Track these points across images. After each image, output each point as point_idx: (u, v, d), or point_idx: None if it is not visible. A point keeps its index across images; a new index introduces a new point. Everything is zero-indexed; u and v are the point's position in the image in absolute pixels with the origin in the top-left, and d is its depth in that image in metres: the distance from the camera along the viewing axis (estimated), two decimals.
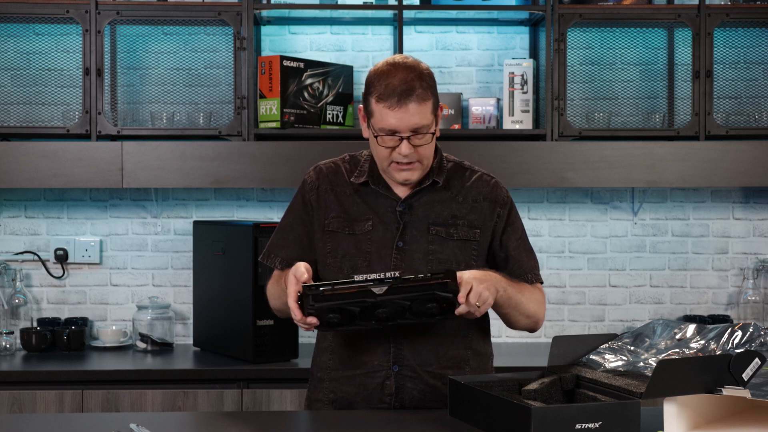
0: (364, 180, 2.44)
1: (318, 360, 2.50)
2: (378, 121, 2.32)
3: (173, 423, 2.38)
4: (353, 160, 2.50)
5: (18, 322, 3.86)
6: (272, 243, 2.52)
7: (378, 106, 2.32)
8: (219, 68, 3.93)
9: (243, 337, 3.53)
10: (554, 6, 3.71)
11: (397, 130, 2.31)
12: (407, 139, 2.31)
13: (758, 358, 2.03)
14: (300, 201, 2.50)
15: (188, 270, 3.98)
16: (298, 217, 2.49)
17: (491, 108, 3.88)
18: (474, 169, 2.51)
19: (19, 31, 3.94)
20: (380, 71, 2.34)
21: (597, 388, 2.18)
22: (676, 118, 3.90)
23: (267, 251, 2.53)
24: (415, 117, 2.29)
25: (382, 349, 2.38)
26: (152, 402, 3.39)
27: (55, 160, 3.63)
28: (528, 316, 2.45)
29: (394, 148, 2.32)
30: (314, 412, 2.45)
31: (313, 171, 2.51)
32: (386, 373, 2.37)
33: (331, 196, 2.45)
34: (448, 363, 2.40)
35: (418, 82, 2.30)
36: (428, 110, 2.32)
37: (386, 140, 2.33)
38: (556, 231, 4.08)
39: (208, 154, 3.66)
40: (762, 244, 4.10)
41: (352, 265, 2.39)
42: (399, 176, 2.38)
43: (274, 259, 2.50)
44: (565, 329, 4.07)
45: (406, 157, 2.33)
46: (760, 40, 4.01)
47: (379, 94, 2.31)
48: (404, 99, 2.28)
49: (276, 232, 2.53)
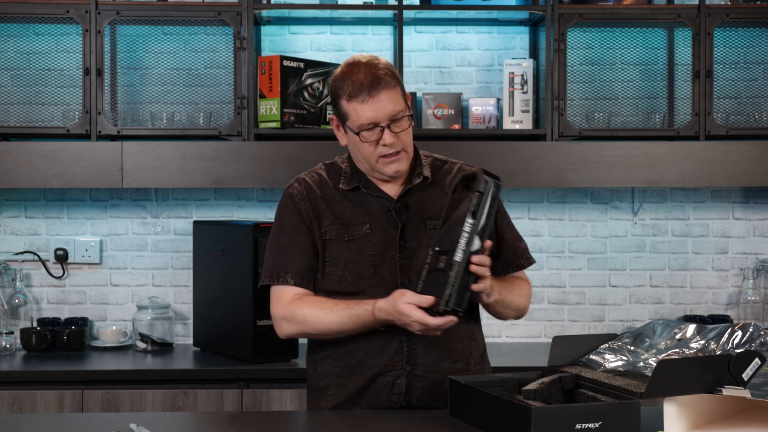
0: (354, 185, 2.43)
1: (319, 370, 2.46)
2: (355, 119, 2.34)
3: (173, 423, 2.38)
4: (333, 167, 2.49)
5: (18, 322, 3.86)
6: (276, 263, 2.43)
7: (351, 105, 2.34)
8: (219, 68, 3.93)
9: (243, 337, 3.53)
10: (554, 6, 3.71)
11: (375, 122, 2.33)
12: (388, 128, 2.34)
13: (758, 358, 2.03)
14: (294, 213, 2.44)
15: (188, 270, 3.98)
16: (296, 230, 2.43)
17: (491, 108, 3.88)
18: (452, 161, 2.55)
19: (19, 31, 3.94)
20: (342, 74, 2.38)
21: (597, 388, 2.18)
22: (676, 118, 3.90)
23: (273, 272, 2.43)
24: (389, 104, 2.33)
25: (396, 349, 2.37)
26: (152, 402, 3.39)
27: (55, 160, 3.63)
28: (516, 309, 2.56)
29: (378, 141, 2.35)
30: (314, 411, 2.44)
31: (296, 183, 2.47)
32: (398, 373, 2.37)
33: (322, 204, 2.43)
34: (456, 357, 2.42)
35: (381, 71, 2.35)
36: (399, 96, 2.36)
37: (368, 135, 2.34)
38: (556, 231, 4.08)
39: (208, 154, 3.66)
40: (762, 244, 4.10)
41: (357, 273, 2.39)
42: (389, 169, 2.38)
43: (284, 276, 2.42)
44: (565, 329, 4.07)
45: (392, 147, 2.35)
46: (760, 40, 4.01)
47: (349, 93, 2.34)
48: (374, 89, 2.32)
49: (275, 252, 2.44)
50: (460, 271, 2.23)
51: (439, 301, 2.22)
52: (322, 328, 2.37)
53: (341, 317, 2.34)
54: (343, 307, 2.34)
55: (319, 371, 2.46)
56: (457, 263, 2.23)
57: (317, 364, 2.46)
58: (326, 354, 2.44)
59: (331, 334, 2.38)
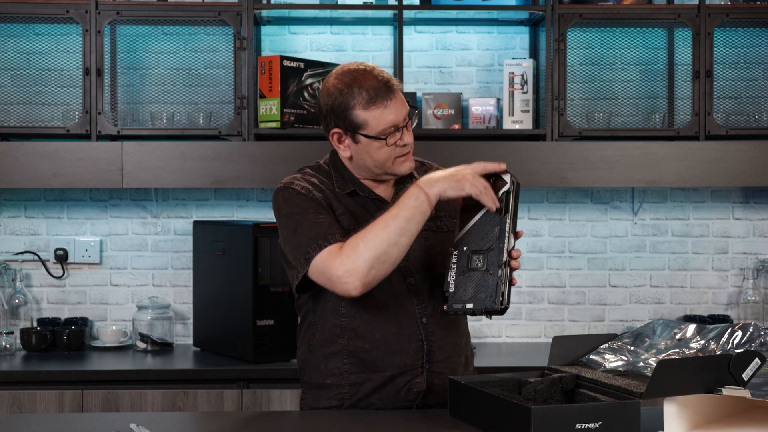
0: (351, 189, 2.42)
1: (323, 367, 2.40)
2: (375, 126, 2.32)
3: (173, 423, 2.38)
4: (321, 170, 2.45)
5: (18, 322, 3.86)
6: (315, 233, 2.25)
7: (370, 112, 2.31)
8: (219, 68, 3.93)
9: (243, 337, 3.53)
10: (554, 6, 3.71)
11: (396, 124, 2.33)
12: (405, 128, 2.36)
13: (758, 358, 2.02)
14: (309, 198, 2.33)
15: (188, 270, 3.98)
16: (318, 210, 2.31)
17: (491, 108, 3.88)
18: (428, 162, 2.57)
19: (19, 31, 3.94)
20: (345, 85, 2.32)
21: (597, 388, 2.18)
22: (676, 118, 3.90)
23: (317, 241, 2.24)
24: (403, 105, 2.36)
25: (415, 348, 2.36)
26: (152, 402, 3.39)
27: (55, 160, 3.63)
28: None
29: (396, 143, 2.35)
30: (314, 412, 2.43)
31: (296, 181, 2.38)
32: (417, 372, 2.37)
33: (330, 194, 2.40)
34: (461, 352, 2.46)
35: (385, 75, 2.36)
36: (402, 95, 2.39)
37: (392, 139, 2.33)
38: (556, 231, 4.08)
39: (208, 154, 3.66)
40: (762, 244, 4.10)
41: None
42: (404, 168, 2.39)
43: (333, 237, 2.24)
44: (565, 329, 4.07)
45: (408, 145, 2.37)
46: (760, 40, 4.01)
47: (366, 102, 2.31)
48: (390, 92, 2.33)
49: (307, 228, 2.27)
50: (508, 268, 2.24)
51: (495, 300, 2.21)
52: (393, 249, 2.20)
53: (399, 224, 2.20)
54: (393, 214, 2.21)
55: (323, 368, 2.41)
56: (505, 262, 2.23)
57: (320, 361, 2.41)
58: (334, 350, 2.39)
59: (401, 248, 2.21)
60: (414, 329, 2.36)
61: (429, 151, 3.20)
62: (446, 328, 2.41)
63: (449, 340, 2.42)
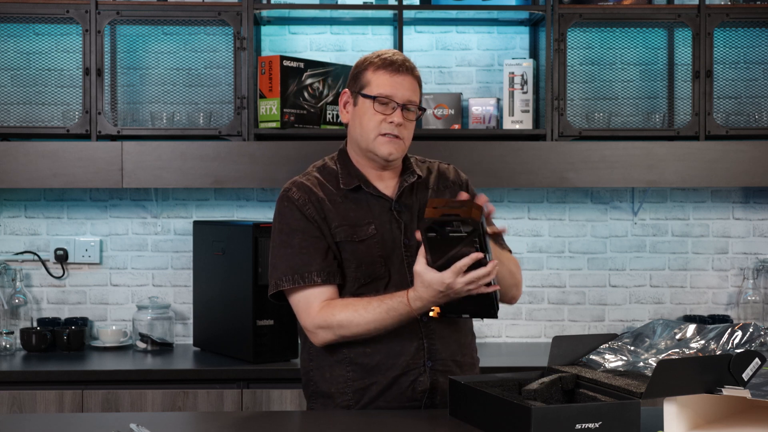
0: (356, 184, 2.44)
1: (328, 376, 2.41)
2: (375, 87, 2.40)
3: (173, 423, 2.38)
4: (325, 169, 2.50)
5: (18, 322, 3.86)
6: (295, 265, 2.36)
7: (376, 74, 2.41)
8: (219, 68, 3.93)
9: (243, 337, 3.53)
10: (554, 6, 3.71)
11: (392, 96, 2.39)
12: (400, 109, 2.40)
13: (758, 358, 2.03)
14: (300, 217, 2.39)
15: (188, 270, 3.98)
16: (307, 232, 2.38)
17: (491, 108, 3.88)
18: (429, 159, 2.61)
19: (19, 31, 3.94)
20: (373, 54, 2.46)
21: (597, 388, 2.18)
22: (676, 118, 3.90)
23: (294, 274, 2.36)
24: (409, 90, 2.41)
25: (416, 347, 2.38)
26: (152, 402, 3.39)
27: (55, 160, 3.63)
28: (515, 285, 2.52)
29: (385, 118, 2.39)
30: (314, 412, 2.44)
31: (294, 188, 2.43)
32: (419, 371, 2.38)
33: (327, 205, 2.42)
34: (467, 350, 2.48)
35: (411, 64, 2.45)
36: (418, 91, 2.45)
37: (381, 107, 2.39)
38: (556, 231, 4.08)
39: (208, 154, 3.66)
40: (762, 244, 4.10)
41: (370, 273, 2.39)
42: (384, 149, 2.41)
43: (309, 276, 2.35)
44: (565, 329, 4.07)
45: (396, 128, 2.40)
46: (760, 40, 4.01)
47: (378, 65, 2.42)
48: (402, 70, 2.42)
49: (290, 255, 2.37)
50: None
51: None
52: (361, 329, 2.32)
53: (378, 314, 2.30)
54: (376, 303, 2.31)
55: (328, 377, 2.41)
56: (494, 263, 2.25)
57: (325, 370, 2.42)
58: (337, 358, 2.40)
59: (370, 333, 2.33)
60: (414, 329, 2.37)
61: (429, 151, 3.20)
62: (447, 326, 2.43)
63: (451, 338, 2.43)
